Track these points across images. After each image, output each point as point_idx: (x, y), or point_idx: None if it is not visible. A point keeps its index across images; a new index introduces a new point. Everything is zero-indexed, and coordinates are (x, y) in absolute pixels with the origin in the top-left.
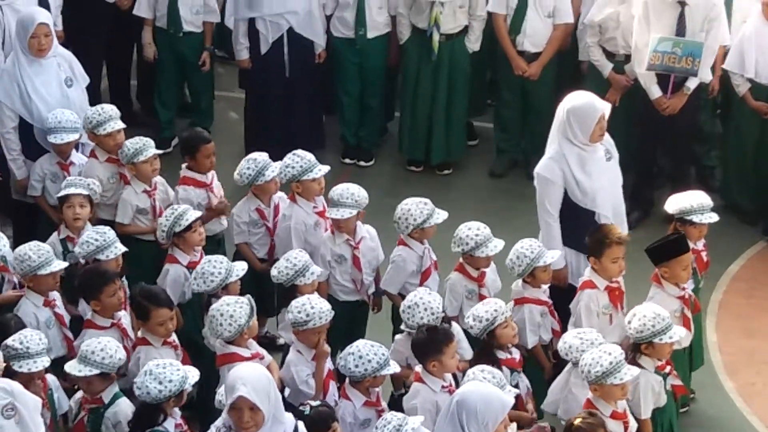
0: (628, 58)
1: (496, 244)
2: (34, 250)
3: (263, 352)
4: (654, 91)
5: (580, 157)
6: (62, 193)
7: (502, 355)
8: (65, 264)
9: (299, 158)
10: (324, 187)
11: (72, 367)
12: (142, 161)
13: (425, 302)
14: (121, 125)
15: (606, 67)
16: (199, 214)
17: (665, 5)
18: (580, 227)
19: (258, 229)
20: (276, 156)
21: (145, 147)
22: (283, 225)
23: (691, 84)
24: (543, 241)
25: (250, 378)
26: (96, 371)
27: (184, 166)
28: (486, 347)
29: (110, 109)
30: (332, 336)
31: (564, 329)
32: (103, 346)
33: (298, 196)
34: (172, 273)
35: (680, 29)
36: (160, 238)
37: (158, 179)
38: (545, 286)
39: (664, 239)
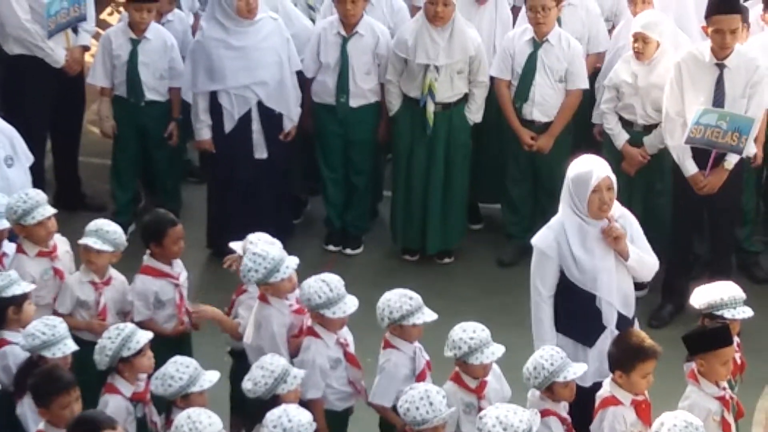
0: (646, 128)
1: (494, 351)
2: None
3: None
4: (689, 167)
5: (581, 230)
6: (10, 294)
7: None
8: None
9: (261, 259)
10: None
11: None
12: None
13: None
14: (51, 211)
15: (620, 138)
16: (150, 335)
17: (702, 68)
18: (577, 312)
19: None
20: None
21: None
22: (261, 332)
23: (732, 159)
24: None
25: None
26: None
27: (147, 253)
28: None
29: (36, 194)
30: None
31: None
32: None
33: (270, 296)
34: (113, 406)
35: (719, 95)
36: (101, 363)
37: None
38: (565, 402)
39: (705, 327)
